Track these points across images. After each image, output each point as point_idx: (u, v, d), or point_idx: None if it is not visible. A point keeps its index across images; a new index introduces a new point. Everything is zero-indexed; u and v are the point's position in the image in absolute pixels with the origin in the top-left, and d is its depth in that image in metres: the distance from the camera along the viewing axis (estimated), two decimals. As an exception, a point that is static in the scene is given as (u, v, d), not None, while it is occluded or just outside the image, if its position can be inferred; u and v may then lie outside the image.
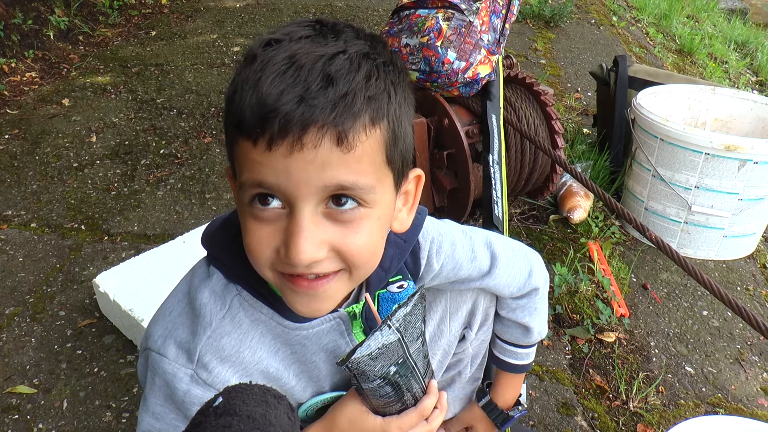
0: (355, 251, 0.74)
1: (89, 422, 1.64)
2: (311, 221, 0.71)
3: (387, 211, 0.78)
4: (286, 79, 0.67)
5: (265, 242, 0.74)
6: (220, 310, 0.85)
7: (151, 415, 0.87)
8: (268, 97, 0.67)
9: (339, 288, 0.78)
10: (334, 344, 0.92)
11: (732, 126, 2.59)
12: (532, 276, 1.12)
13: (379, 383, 0.84)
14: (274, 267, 0.75)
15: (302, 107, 0.66)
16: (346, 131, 0.68)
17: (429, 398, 0.94)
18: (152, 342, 0.86)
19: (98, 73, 3.74)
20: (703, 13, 6.45)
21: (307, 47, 0.70)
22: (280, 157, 0.68)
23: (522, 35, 4.47)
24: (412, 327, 0.85)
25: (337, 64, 0.68)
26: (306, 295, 0.77)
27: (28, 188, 2.66)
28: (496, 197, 1.96)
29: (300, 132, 0.66)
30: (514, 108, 2.23)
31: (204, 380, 0.84)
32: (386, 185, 0.76)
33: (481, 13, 1.98)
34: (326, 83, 0.67)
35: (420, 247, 0.98)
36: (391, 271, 0.93)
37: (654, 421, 1.69)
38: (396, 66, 0.76)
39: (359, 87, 0.68)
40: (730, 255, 2.37)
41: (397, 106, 0.74)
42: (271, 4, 4.97)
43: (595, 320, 1.97)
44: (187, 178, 2.74)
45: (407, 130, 0.77)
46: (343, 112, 0.67)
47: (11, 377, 1.77)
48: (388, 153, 0.74)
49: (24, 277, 2.15)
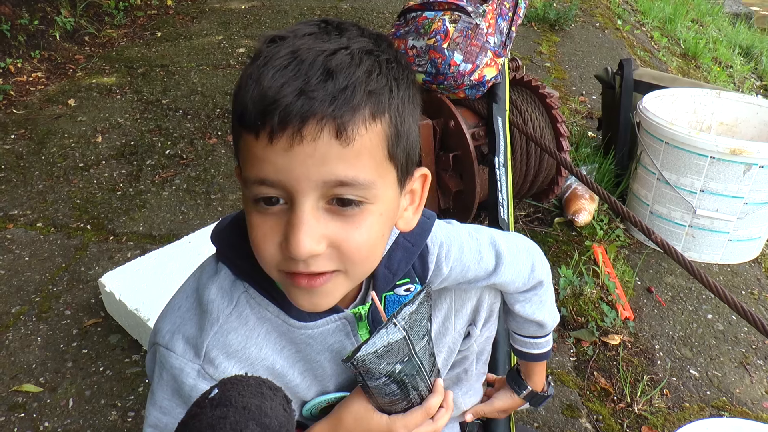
0: (353, 247, 0.75)
1: (95, 421, 1.64)
2: (311, 215, 0.71)
3: (389, 208, 0.78)
4: (287, 72, 0.68)
5: (269, 237, 0.74)
6: (227, 307, 0.85)
7: (159, 410, 0.88)
8: (269, 90, 0.68)
9: (337, 286, 0.79)
10: (339, 344, 0.92)
11: (737, 130, 2.60)
12: (534, 270, 1.13)
13: (385, 381, 0.85)
14: (279, 266, 0.76)
15: (302, 100, 0.67)
16: (345, 124, 0.68)
17: (435, 397, 0.94)
18: (160, 337, 0.86)
19: (104, 74, 3.75)
20: (707, 18, 6.45)
21: (309, 43, 0.71)
22: (281, 152, 0.68)
23: (527, 38, 4.48)
24: (418, 325, 0.85)
25: (338, 59, 0.69)
26: (306, 292, 0.77)
27: (34, 188, 2.67)
28: (502, 199, 1.97)
29: (299, 124, 0.67)
30: (520, 110, 2.23)
31: (211, 375, 0.85)
32: (388, 181, 0.76)
33: (487, 15, 1.99)
34: (326, 77, 0.68)
35: (429, 251, 0.98)
36: (399, 273, 0.93)
37: (658, 424, 1.69)
38: (400, 64, 0.76)
39: (359, 81, 0.69)
40: (734, 259, 2.37)
41: (399, 102, 0.74)
42: (276, 6, 4.98)
43: (600, 323, 1.97)
44: (192, 179, 2.75)
45: (411, 128, 0.78)
46: (342, 104, 0.68)
47: (17, 376, 1.78)
48: (390, 148, 0.74)
49: (30, 277, 2.16)
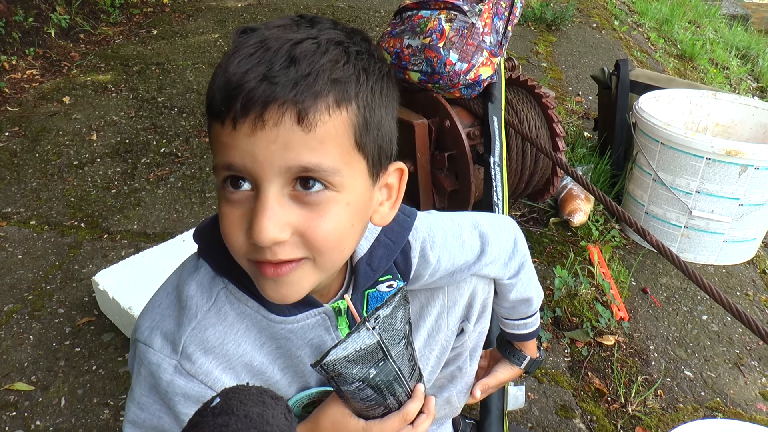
0: (319, 236, 0.74)
1: (87, 420, 1.63)
2: (276, 201, 0.72)
3: (358, 199, 0.78)
4: (252, 60, 0.69)
5: (236, 226, 0.75)
6: (206, 303, 0.85)
7: (137, 405, 0.88)
8: (233, 77, 0.69)
9: (305, 275, 0.78)
10: (319, 339, 0.92)
11: (733, 131, 2.60)
12: (517, 244, 1.15)
13: (359, 386, 0.83)
14: (248, 255, 0.76)
15: (264, 85, 0.68)
16: (306, 110, 0.69)
17: (414, 402, 0.93)
18: (140, 333, 0.86)
19: (99, 72, 3.74)
20: (704, 19, 6.46)
21: (278, 33, 0.72)
22: (244, 137, 0.69)
23: (523, 38, 4.48)
24: (393, 329, 0.83)
25: (304, 47, 0.70)
26: (273, 282, 0.77)
27: (28, 186, 2.66)
28: (497, 199, 1.96)
29: (261, 109, 0.68)
30: (516, 110, 2.23)
31: (187, 371, 0.85)
32: (357, 171, 0.76)
33: (483, 14, 1.98)
34: (289, 63, 0.69)
35: (411, 246, 0.99)
36: (380, 270, 0.93)
37: (652, 425, 1.69)
38: (372, 56, 0.76)
39: (323, 68, 0.70)
40: (730, 260, 2.37)
41: (369, 92, 0.74)
42: (272, 5, 4.98)
43: (595, 323, 1.97)
44: (187, 177, 2.74)
45: (384, 120, 0.78)
46: (304, 90, 0.69)
47: (9, 374, 1.77)
48: (358, 138, 0.74)
49: (23, 275, 2.15)
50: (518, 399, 1.61)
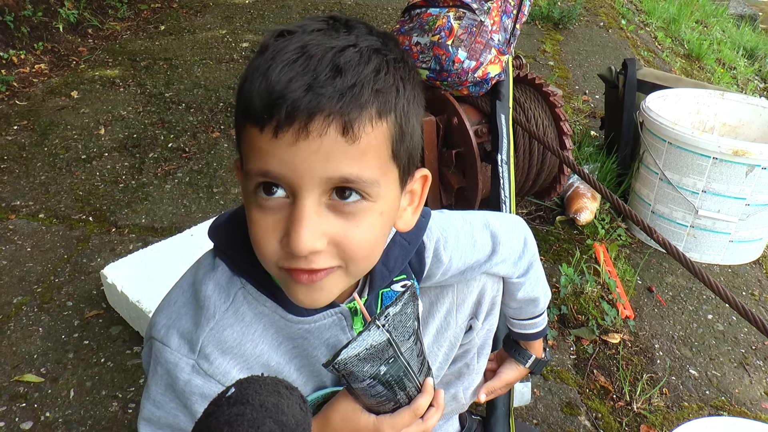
0: (354, 245, 0.75)
1: (95, 412, 1.65)
2: (314, 211, 0.71)
3: (390, 207, 0.78)
4: (295, 67, 0.68)
5: (270, 233, 0.74)
6: (223, 303, 0.85)
7: (152, 403, 0.88)
8: (276, 84, 0.68)
9: (336, 282, 0.79)
10: (335, 339, 0.93)
11: (740, 131, 2.60)
12: (527, 243, 1.15)
13: (370, 383, 0.84)
14: (279, 263, 0.76)
15: (310, 95, 0.67)
16: (352, 121, 0.68)
17: (423, 397, 0.93)
18: (156, 331, 0.87)
19: (107, 67, 3.75)
20: (712, 19, 6.44)
21: (318, 39, 0.71)
22: (286, 146, 0.68)
23: (531, 37, 4.47)
24: (403, 326, 0.84)
25: (347, 56, 0.69)
26: (306, 287, 0.77)
27: (37, 179, 2.67)
28: (504, 197, 1.97)
29: (306, 120, 0.67)
30: (523, 108, 2.23)
31: (205, 371, 0.85)
32: (391, 180, 0.76)
33: (492, 12, 1.99)
34: (335, 73, 0.68)
35: (425, 247, 0.99)
36: (395, 270, 0.94)
37: (657, 423, 1.69)
38: (407, 64, 0.76)
39: (367, 79, 0.69)
40: (736, 260, 2.37)
41: (405, 101, 0.74)
42: (280, 1, 4.98)
43: (600, 321, 1.97)
44: (195, 172, 2.75)
45: (415, 128, 0.78)
46: (350, 102, 0.68)
47: (19, 366, 1.78)
48: (394, 148, 0.74)
49: (32, 267, 2.16)
50: (524, 395, 1.62)
